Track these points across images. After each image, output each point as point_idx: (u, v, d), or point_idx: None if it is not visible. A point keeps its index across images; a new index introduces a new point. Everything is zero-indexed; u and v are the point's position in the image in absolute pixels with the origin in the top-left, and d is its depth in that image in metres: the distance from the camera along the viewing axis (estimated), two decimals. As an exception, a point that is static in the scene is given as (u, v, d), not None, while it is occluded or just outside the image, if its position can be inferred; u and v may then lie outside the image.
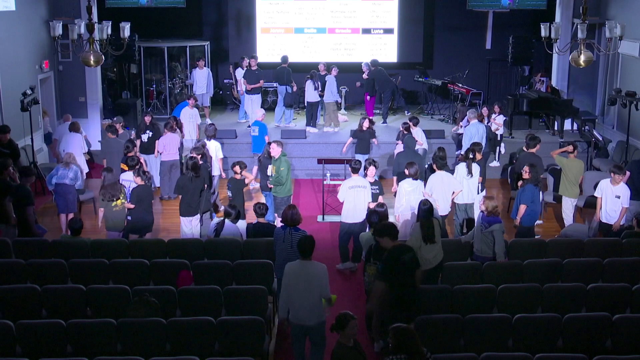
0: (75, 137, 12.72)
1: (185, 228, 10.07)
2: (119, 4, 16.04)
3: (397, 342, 5.29)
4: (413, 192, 9.70)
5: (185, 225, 10.05)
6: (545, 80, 16.87)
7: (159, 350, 6.54)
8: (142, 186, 9.78)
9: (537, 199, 9.56)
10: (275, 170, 10.57)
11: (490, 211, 8.35)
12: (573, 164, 10.67)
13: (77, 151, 12.37)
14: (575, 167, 10.66)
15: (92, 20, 8.62)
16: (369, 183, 9.87)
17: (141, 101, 16.83)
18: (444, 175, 9.98)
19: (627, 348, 6.60)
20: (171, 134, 12.55)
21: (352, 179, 9.88)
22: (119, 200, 9.65)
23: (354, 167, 9.98)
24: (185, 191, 9.96)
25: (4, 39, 13.23)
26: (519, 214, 9.54)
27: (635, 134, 13.49)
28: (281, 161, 10.54)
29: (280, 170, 10.48)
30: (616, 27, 9.13)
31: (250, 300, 7.40)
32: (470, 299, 7.41)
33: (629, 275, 7.86)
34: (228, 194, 10.48)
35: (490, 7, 17.08)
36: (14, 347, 6.60)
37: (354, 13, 17.97)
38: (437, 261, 8.01)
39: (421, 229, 7.91)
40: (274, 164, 10.60)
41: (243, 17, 18.23)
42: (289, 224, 7.94)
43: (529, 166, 9.71)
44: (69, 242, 8.78)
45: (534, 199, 9.46)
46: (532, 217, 9.60)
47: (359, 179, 9.86)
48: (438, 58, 18.71)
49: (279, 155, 10.57)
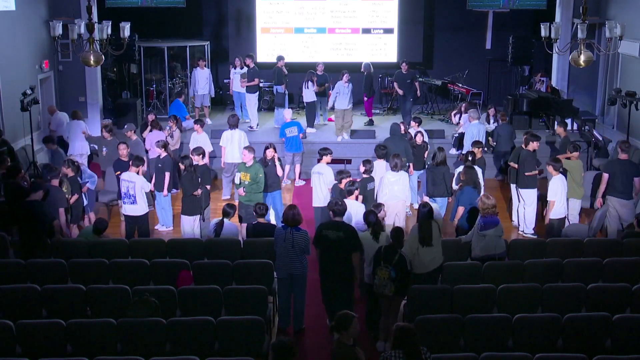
0: (77, 124, 13.37)
1: (187, 227, 10.09)
2: (119, 3, 16.05)
3: (396, 339, 5.42)
4: (396, 183, 9.85)
5: (188, 225, 10.07)
6: (545, 80, 16.87)
7: (159, 350, 6.54)
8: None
9: (475, 201, 9.52)
10: (250, 177, 10.22)
11: (485, 210, 8.33)
12: (577, 165, 10.72)
13: (80, 137, 13.26)
14: (579, 167, 10.74)
15: (92, 20, 8.62)
16: (327, 169, 10.33)
17: (141, 101, 16.82)
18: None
19: (627, 348, 6.60)
20: (157, 131, 12.74)
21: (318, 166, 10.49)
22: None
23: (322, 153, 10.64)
24: (187, 189, 10.06)
25: (4, 39, 13.23)
26: (456, 216, 9.64)
27: (635, 134, 13.48)
28: (257, 167, 10.28)
29: (259, 177, 10.20)
30: (616, 27, 9.12)
31: (250, 300, 7.41)
32: (470, 299, 7.41)
33: (629, 275, 7.85)
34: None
35: (490, 7, 17.08)
36: (14, 347, 6.60)
37: (354, 13, 17.96)
38: (434, 265, 7.95)
39: (419, 231, 7.91)
40: (248, 171, 10.24)
41: (243, 17, 18.23)
42: (290, 224, 7.94)
43: (466, 168, 9.88)
44: (69, 242, 8.79)
45: (472, 201, 9.46)
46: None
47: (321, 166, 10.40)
48: (438, 58, 18.70)
49: (252, 162, 10.30)
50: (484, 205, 8.34)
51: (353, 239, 7.82)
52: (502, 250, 8.38)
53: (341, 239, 7.75)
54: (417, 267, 7.83)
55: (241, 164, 10.48)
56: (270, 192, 10.86)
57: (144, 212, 10.18)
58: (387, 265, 7.35)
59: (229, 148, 12.61)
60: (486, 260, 8.18)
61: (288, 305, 8.09)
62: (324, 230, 7.90)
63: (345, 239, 7.77)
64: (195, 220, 10.15)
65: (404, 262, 7.43)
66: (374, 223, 8.26)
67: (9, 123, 12.88)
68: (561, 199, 10.05)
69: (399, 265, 7.37)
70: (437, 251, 8.00)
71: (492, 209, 8.32)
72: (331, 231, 7.82)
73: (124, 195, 10.15)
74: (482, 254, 8.30)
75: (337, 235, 7.77)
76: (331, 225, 7.92)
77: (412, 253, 7.81)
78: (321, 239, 7.88)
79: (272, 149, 10.92)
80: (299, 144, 13.43)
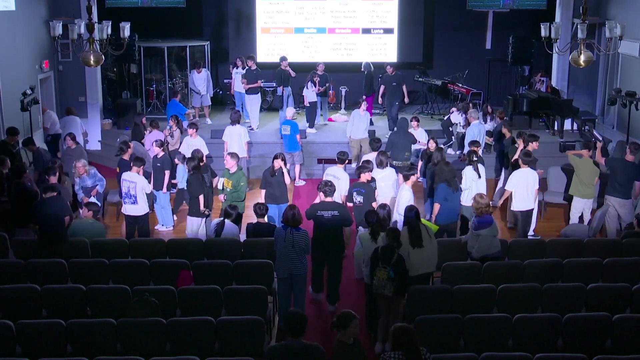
0: (73, 119, 14.11)
1: (194, 227, 10.06)
2: (119, 3, 16.06)
3: (396, 340, 5.38)
4: (382, 180, 9.97)
5: (195, 225, 10.05)
6: (545, 80, 16.86)
7: (159, 350, 6.54)
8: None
9: (451, 197, 9.62)
10: (232, 184, 10.06)
11: (479, 210, 8.34)
12: (584, 163, 10.50)
13: (77, 131, 13.88)
14: (588, 168, 10.47)
15: (92, 20, 8.61)
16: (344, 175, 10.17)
17: (141, 101, 16.83)
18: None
19: (627, 348, 6.60)
20: (156, 131, 12.81)
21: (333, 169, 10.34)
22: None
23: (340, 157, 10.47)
24: (196, 191, 10.02)
25: (4, 39, 13.23)
26: (433, 212, 9.68)
27: (635, 134, 13.48)
28: (239, 175, 10.11)
29: (240, 185, 10.04)
30: (616, 27, 9.13)
31: (250, 300, 7.41)
32: (470, 299, 7.41)
33: (629, 275, 7.86)
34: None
35: (490, 7, 17.08)
36: (14, 347, 6.60)
37: (354, 13, 17.96)
38: (427, 268, 7.94)
39: (408, 234, 7.92)
40: (230, 178, 10.07)
41: (243, 17, 18.22)
42: (290, 225, 7.94)
43: (441, 164, 9.95)
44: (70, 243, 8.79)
45: (446, 197, 9.55)
46: (447, 215, 9.64)
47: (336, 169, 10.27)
48: (438, 58, 18.69)
49: (235, 169, 10.13)
50: (477, 205, 8.34)
51: (346, 215, 8.72)
52: (496, 250, 8.34)
53: (336, 217, 8.59)
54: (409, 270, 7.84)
55: (225, 170, 10.29)
56: (277, 205, 10.29)
57: (144, 212, 10.18)
58: (385, 265, 7.36)
59: (230, 143, 12.86)
60: (483, 261, 8.18)
61: (288, 305, 8.09)
62: (319, 210, 8.65)
63: (339, 216, 8.59)
64: (202, 221, 10.13)
65: (402, 262, 7.43)
66: (373, 223, 8.27)
67: (9, 123, 12.87)
68: (523, 192, 9.99)
69: (397, 266, 7.37)
70: (431, 253, 7.99)
71: (485, 209, 8.31)
72: (326, 211, 8.60)
73: (125, 195, 10.15)
74: (477, 255, 8.30)
75: (332, 214, 8.58)
76: (325, 206, 8.68)
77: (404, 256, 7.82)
78: (316, 218, 8.63)
79: (280, 159, 10.30)
80: (294, 144, 13.34)
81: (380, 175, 10.13)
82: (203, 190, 10.06)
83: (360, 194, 9.51)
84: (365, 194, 9.50)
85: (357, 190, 9.56)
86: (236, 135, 12.89)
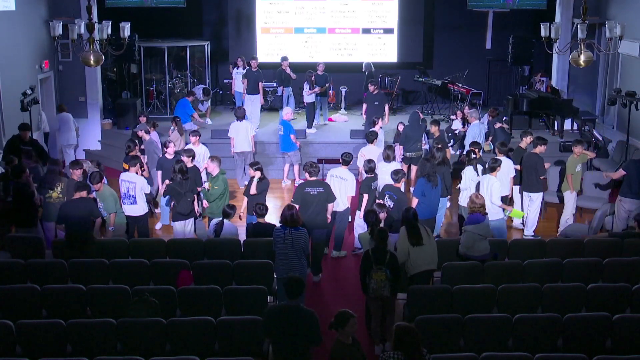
0: (66, 116, 14.58)
1: (179, 231, 9.97)
2: (119, 3, 16.04)
3: (398, 339, 5.33)
4: (388, 173, 9.97)
5: (180, 228, 9.96)
6: (545, 80, 16.86)
7: (159, 350, 6.54)
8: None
9: (429, 193, 9.65)
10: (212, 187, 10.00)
11: (472, 209, 8.34)
12: (570, 161, 10.86)
13: (71, 126, 14.59)
14: (572, 164, 10.84)
15: (92, 20, 8.61)
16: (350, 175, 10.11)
17: (141, 101, 16.83)
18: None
19: (627, 348, 6.60)
20: (156, 132, 12.90)
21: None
22: (54, 193, 9.83)
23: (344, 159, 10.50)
24: (175, 195, 9.77)
25: (4, 39, 13.23)
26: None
27: (635, 134, 13.48)
28: (218, 180, 10.00)
29: (214, 188, 9.92)
30: (616, 27, 9.13)
31: (250, 300, 7.40)
32: (470, 299, 7.41)
33: (629, 275, 7.86)
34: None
35: (490, 7, 17.07)
36: (14, 347, 6.60)
37: (354, 13, 17.96)
38: (428, 266, 7.93)
39: (407, 233, 7.92)
40: (211, 182, 10.05)
41: (243, 17, 18.22)
42: (289, 225, 7.94)
43: (422, 160, 10.24)
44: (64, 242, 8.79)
45: (425, 193, 9.61)
46: (426, 210, 9.62)
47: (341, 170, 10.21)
48: (438, 58, 18.69)
49: (216, 173, 10.02)
50: (472, 204, 8.39)
51: (329, 192, 9.45)
52: (481, 253, 8.22)
53: (321, 193, 9.30)
54: (410, 268, 7.84)
55: (209, 174, 10.25)
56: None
57: (143, 212, 10.16)
58: (380, 266, 7.35)
59: (237, 139, 13.12)
60: (466, 260, 8.18)
61: None
62: (306, 187, 9.33)
63: (324, 192, 9.33)
64: (187, 224, 9.98)
65: (395, 260, 7.49)
66: (373, 223, 8.27)
67: (9, 123, 12.88)
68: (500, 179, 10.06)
69: (391, 265, 7.38)
70: (431, 251, 7.98)
71: (479, 208, 8.32)
72: (312, 188, 9.29)
73: (124, 196, 10.12)
74: (461, 250, 8.32)
75: (318, 190, 9.29)
76: (312, 184, 9.38)
77: (404, 254, 7.83)
78: (303, 195, 9.26)
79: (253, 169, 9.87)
80: (288, 144, 13.31)
81: (386, 169, 10.30)
82: (183, 196, 9.76)
83: (392, 198, 9.46)
84: (397, 200, 9.41)
85: (390, 195, 9.50)
86: (243, 130, 13.12)
